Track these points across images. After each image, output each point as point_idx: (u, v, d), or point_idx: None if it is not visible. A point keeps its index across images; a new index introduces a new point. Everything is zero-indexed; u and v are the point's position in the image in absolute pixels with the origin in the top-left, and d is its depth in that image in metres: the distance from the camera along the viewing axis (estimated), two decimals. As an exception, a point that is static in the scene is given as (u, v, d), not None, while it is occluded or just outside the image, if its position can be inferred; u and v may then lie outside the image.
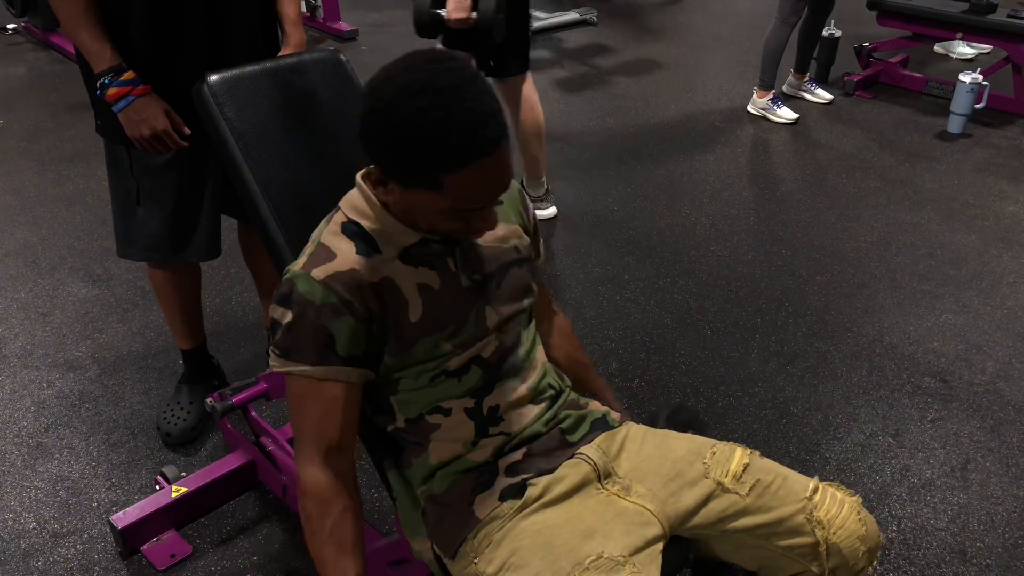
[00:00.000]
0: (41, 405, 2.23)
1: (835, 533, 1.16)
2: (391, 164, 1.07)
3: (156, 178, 1.83)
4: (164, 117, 1.69)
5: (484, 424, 1.22)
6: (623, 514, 1.16)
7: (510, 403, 1.23)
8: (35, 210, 3.18)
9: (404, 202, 1.12)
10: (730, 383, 2.33)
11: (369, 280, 1.13)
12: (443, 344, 1.17)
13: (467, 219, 1.10)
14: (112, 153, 1.85)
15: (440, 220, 1.10)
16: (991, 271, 2.86)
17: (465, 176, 1.03)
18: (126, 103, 1.66)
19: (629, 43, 5.15)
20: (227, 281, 2.74)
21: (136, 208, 1.86)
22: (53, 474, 2.01)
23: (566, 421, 1.27)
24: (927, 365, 2.40)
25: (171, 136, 1.71)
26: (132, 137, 1.71)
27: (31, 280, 2.76)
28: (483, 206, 1.09)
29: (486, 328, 1.21)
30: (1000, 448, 2.11)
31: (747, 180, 3.55)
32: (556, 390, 1.30)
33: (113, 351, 2.43)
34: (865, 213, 3.23)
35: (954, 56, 4.89)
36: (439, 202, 1.07)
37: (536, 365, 1.28)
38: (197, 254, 1.93)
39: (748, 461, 1.22)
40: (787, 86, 4.30)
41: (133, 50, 1.68)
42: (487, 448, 1.22)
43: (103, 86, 1.65)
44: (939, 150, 3.77)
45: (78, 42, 1.65)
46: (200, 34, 1.71)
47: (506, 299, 1.23)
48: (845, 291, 2.75)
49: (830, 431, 2.16)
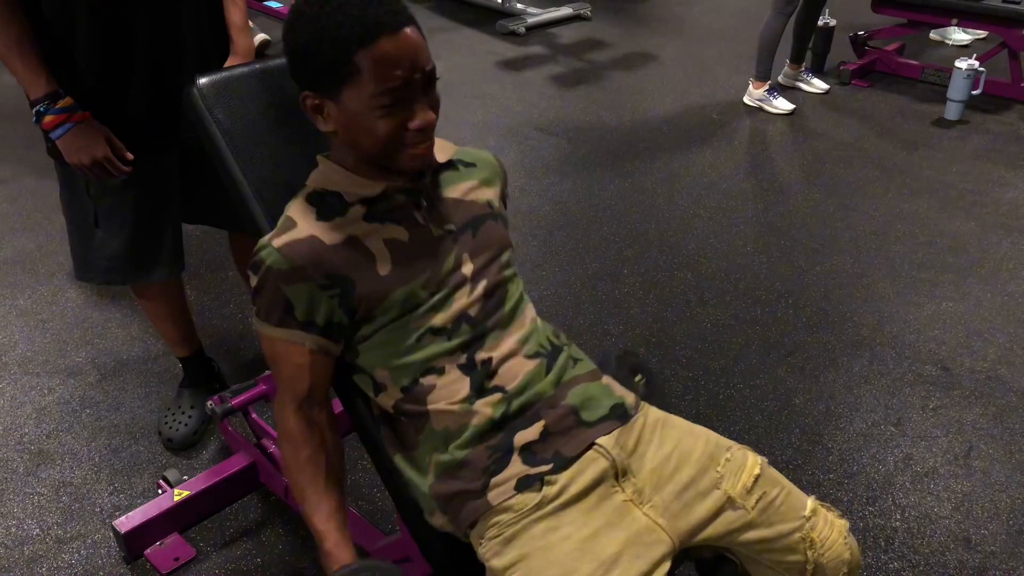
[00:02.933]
0: (42, 411, 2.23)
1: (823, 554, 1.21)
2: (312, 70, 1.15)
3: (114, 198, 1.77)
4: (104, 144, 1.63)
5: (479, 379, 1.20)
6: (635, 533, 1.15)
7: (502, 355, 1.22)
8: (32, 217, 3.17)
9: (342, 117, 1.17)
10: (731, 375, 2.33)
11: (330, 243, 1.19)
12: (419, 292, 1.20)
13: (400, 114, 1.14)
14: (66, 176, 1.78)
15: (377, 124, 1.14)
16: (990, 258, 2.86)
17: (376, 51, 1.10)
18: (64, 130, 1.60)
19: (624, 37, 5.14)
20: (224, 284, 2.73)
21: (94, 230, 1.81)
22: (55, 480, 2.01)
23: (578, 395, 1.23)
24: (928, 353, 2.40)
25: (112, 162, 1.65)
26: (72, 164, 1.64)
27: (30, 287, 2.76)
28: (404, 79, 1.12)
29: (463, 276, 1.23)
30: (1003, 435, 2.11)
31: (745, 172, 3.55)
32: (550, 347, 1.27)
33: (113, 356, 2.43)
34: (863, 202, 3.23)
35: (949, 42, 4.88)
36: (364, 92, 1.12)
37: (524, 322, 1.28)
38: (159, 272, 1.89)
39: (759, 472, 1.22)
40: (783, 77, 4.29)
41: (79, 75, 1.63)
42: (488, 407, 1.19)
43: (39, 113, 1.59)
44: (936, 137, 3.76)
45: (12, 70, 1.58)
46: (149, 53, 1.66)
47: (483, 249, 1.26)
48: (844, 281, 2.74)
49: (832, 421, 2.16)
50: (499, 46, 5.02)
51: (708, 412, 2.19)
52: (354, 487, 1.97)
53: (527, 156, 3.63)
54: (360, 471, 2.01)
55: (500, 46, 5.02)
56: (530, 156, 3.63)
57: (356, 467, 2.02)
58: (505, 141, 3.76)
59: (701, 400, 2.24)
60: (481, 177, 1.34)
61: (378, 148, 1.18)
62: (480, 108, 4.12)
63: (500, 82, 4.46)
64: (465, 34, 5.26)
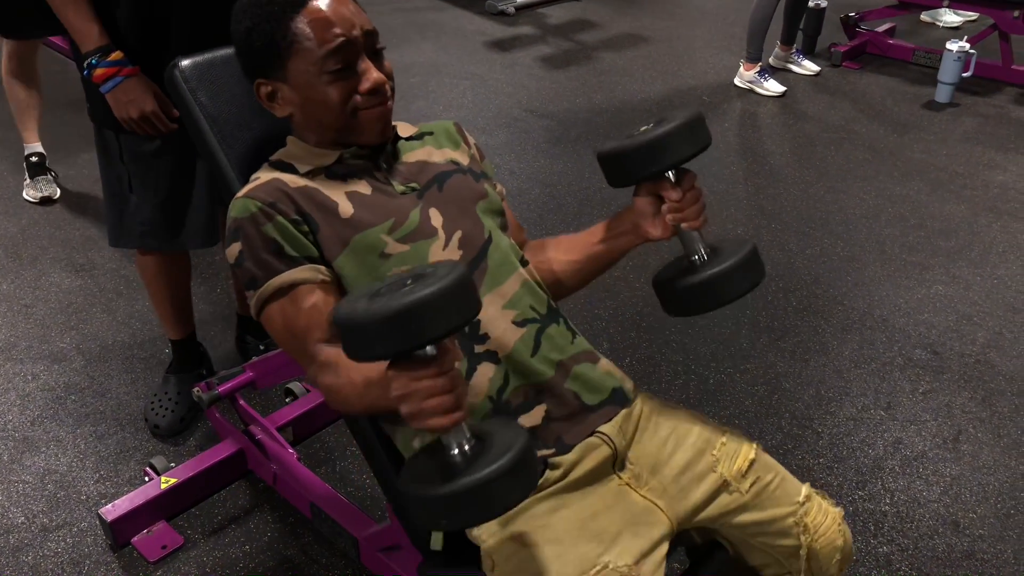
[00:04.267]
0: (26, 398, 2.20)
1: (817, 540, 1.21)
2: (256, 54, 1.19)
3: (147, 164, 1.80)
4: (152, 99, 1.67)
5: (468, 342, 1.16)
6: (633, 513, 1.15)
7: (490, 318, 1.17)
8: (15, 200, 3.13)
9: (295, 96, 1.19)
10: (721, 359, 2.32)
11: (292, 186, 1.18)
12: (383, 237, 1.17)
13: (350, 78, 1.16)
14: (102, 140, 1.83)
15: (329, 92, 1.16)
16: (980, 241, 2.86)
17: (308, 13, 1.15)
18: (114, 84, 1.64)
19: (614, 18, 5.10)
20: (212, 268, 2.70)
21: (128, 195, 1.84)
22: (40, 468, 1.99)
23: (579, 378, 1.21)
24: (918, 337, 2.40)
25: (160, 118, 1.69)
26: (120, 119, 1.69)
27: (13, 271, 2.73)
28: (344, 37, 1.15)
29: (432, 227, 1.20)
30: (991, 419, 2.12)
31: (735, 154, 3.53)
32: (545, 311, 1.23)
33: (98, 341, 2.40)
34: (854, 185, 3.22)
35: (940, 24, 4.86)
36: (309, 59, 1.15)
37: (515, 284, 1.22)
38: (194, 240, 1.90)
39: (753, 456, 1.23)
40: (774, 58, 4.27)
41: (120, 33, 1.66)
42: (483, 382, 1.16)
43: (90, 66, 1.63)
44: (927, 120, 3.75)
45: (66, 21, 1.63)
46: (187, 16, 1.67)
47: (452, 200, 1.24)
48: (835, 264, 2.74)
49: (822, 406, 2.16)
50: (488, 26, 4.97)
51: (699, 397, 2.19)
52: (343, 474, 1.96)
53: (517, 138, 3.60)
54: (349, 458, 2.00)
55: (489, 26, 4.97)
56: (520, 138, 3.60)
57: (345, 454, 2.01)
58: (494, 123, 3.73)
59: (691, 385, 2.23)
60: (440, 141, 1.33)
61: (334, 117, 1.18)
62: (469, 89, 4.08)
63: (489, 63, 4.41)
64: (454, 14, 5.21)
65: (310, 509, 1.78)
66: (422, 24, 5.00)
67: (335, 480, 1.93)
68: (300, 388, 2.11)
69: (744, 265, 1.22)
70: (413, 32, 4.86)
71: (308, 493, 1.77)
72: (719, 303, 1.23)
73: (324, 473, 1.95)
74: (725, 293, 1.22)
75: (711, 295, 1.22)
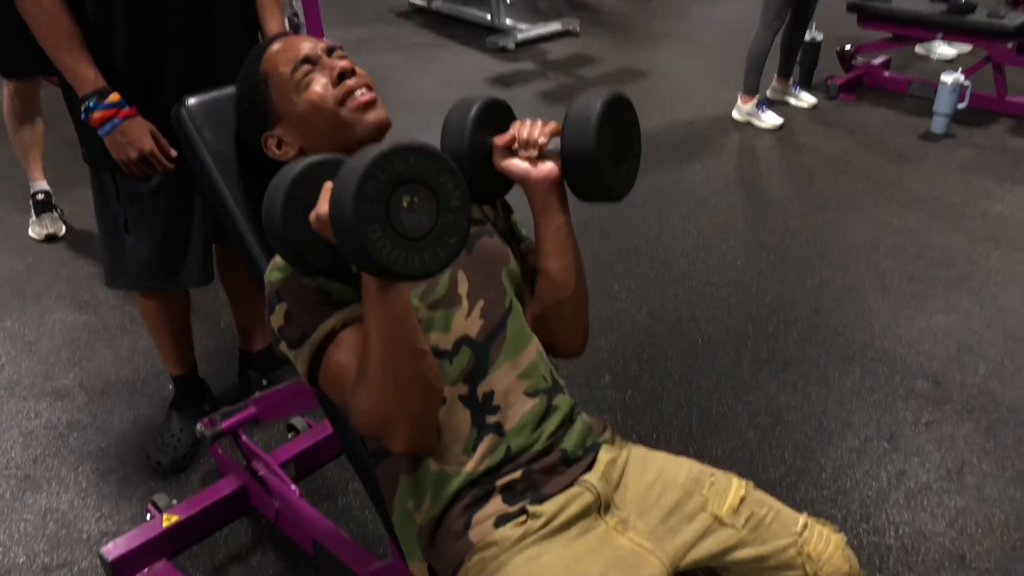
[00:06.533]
0: (29, 436, 2.20)
1: (822, 568, 1.19)
2: (250, 110, 1.28)
3: (143, 204, 1.81)
4: (150, 139, 1.68)
5: (480, 413, 1.18)
6: (619, 556, 1.14)
7: (504, 390, 1.20)
8: (20, 237, 3.15)
9: (290, 125, 1.24)
10: (723, 391, 2.32)
11: None
12: (415, 302, 1.17)
13: (323, 73, 1.23)
14: (98, 182, 1.84)
15: (310, 93, 1.22)
16: (980, 271, 2.87)
17: (271, 51, 1.27)
18: (112, 126, 1.65)
19: (612, 53, 5.17)
20: (216, 303, 2.72)
21: (125, 236, 1.84)
22: (42, 506, 1.98)
23: (567, 441, 1.24)
24: (919, 368, 2.40)
25: (157, 158, 1.70)
26: (119, 160, 1.69)
27: (18, 308, 2.74)
28: (307, 52, 1.24)
29: (458, 295, 1.20)
30: (995, 450, 2.11)
31: (734, 186, 3.55)
32: (551, 382, 1.26)
33: (101, 378, 2.41)
34: (853, 216, 3.24)
35: (935, 57, 4.92)
36: (283, 80, 1.24)
37: (531, 353, 1.24)
38: (189, 280, 1.91)
39: (744, 493, 1.22)
40: (771, 91, 4.31)
41: (116, 74, 1.67)
42: (485, 455, 1.18)
43: (88, 109, 1.64)
44: (924, 151, 3.78)
45: (62, 66, 1.64)
46: (184, 55, 1.70)
47: (479, 265, 1.24)
48: (835, 295, 2.75)
49: (825, 437, 2.16)
50: (489, 62, 5.03)
51: (701, 429, 2.19)
52: (345, 510, 1.95)
53: (517, 172, 3.62)
54: (351, 494, 1.99)
55: (490, 62, 5.03)
56: (520, 172, 3.62)
57: (347, 490, 2.00)
58: (495, 157, 3.75)
59: (694, 417, 2.23)
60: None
61: (325, 114, 1.22)
62: (470, 124, 4.11)
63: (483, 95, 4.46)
64: (456, 51, 5.28)
65: (312, 546, 1.77)
66: (424, 60, 5.06)
67: (337, 516, 1.92)
68: (303, 423, 2.11)
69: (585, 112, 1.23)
70: (415, 68, 4.93)
71: (311, 530, 1.76)
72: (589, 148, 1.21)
73: (326, 509, 1.94)
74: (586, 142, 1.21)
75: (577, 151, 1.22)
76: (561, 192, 1.28)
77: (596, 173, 1.22)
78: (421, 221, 0.96)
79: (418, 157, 0.96)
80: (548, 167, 1.26)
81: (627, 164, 1.29)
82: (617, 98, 1.26)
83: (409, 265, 0.95)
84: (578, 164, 1.22)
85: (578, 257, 1.32)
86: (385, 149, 0.94)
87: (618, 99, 1.26)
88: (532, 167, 1.27)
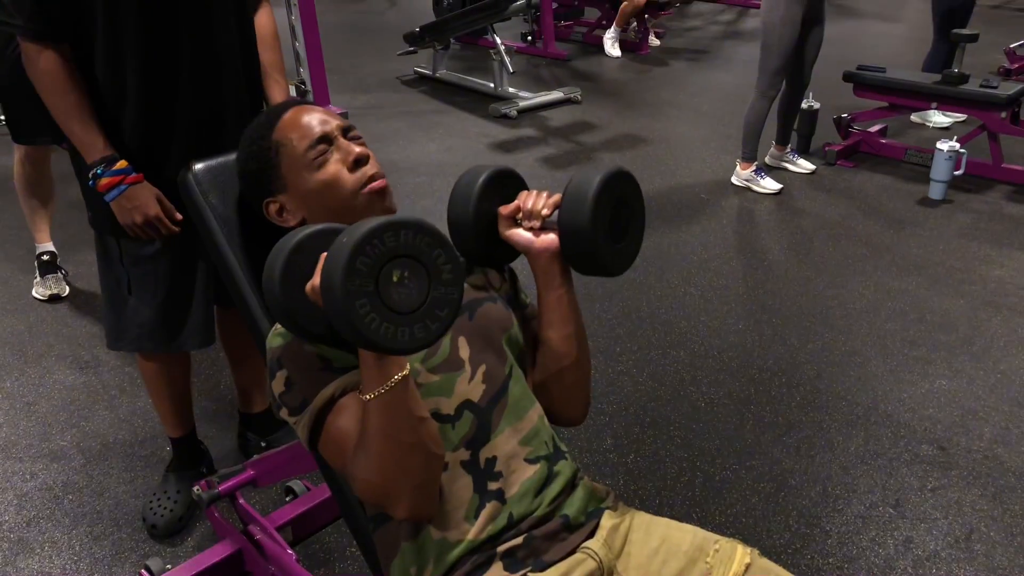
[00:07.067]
0: (23, 498, 2.18)
1: None
2: (255, 175, 1.30)
3: (146, 267, 1.83)
4: (156, 204, 1.70)
5: (482, 479, 1.17)
6: None
7: (507, 455, 1.19)
8: (23, 298, 3.17)
9: (297, 198, 1.26)
10: (726, 456, 2.30)
11: None
12: (416, 366, 1.16)
13: (337, 156, 1.25)
14: (103, 245, 1.86)
15: (323, 174, 1.24)
16: (981, 335, 2.86)
17: (285, 122, 1.28)
18: (118, 192, 1.67)
19: (613, 120, 5.26)
20: (216, 365, 2.71)
21: (127, 298, 1.86)
22: (34, 571, 1.95)
23: (569, 507, 1.22)
24: (924, 432, 2.38)
25: (163, 222, 1.72)
26: (124, 225, 1.72)
27: (17, 369, 2.74)
28: (321, 131, 1.26)
29: (460, 359, 1.20)
30: (1003, 516, 2.08)
31: (734, 250, 3.58)
32: (553, 449, 1.25)
33: (99, 439, 2.39)
34: (853, 280, 3.25)
35: (930, 125, 5.00)
36: (296, 156, 1.25)
37: (533, 418, 1.24)
38: (191, 342, 1.91)
39: (750, 561, 1.20)
40: (769, 157, 4.38)
41: (124, 142, 1.70)
42: (487, 522, 1.17)
43: (95, 176, 1.67)
44: (922, 216, 3.82)
45: (70, 134, 1.67)
46: (192, 125, 1.73)
47: (480, 331, 1.24)
48: (837, 359, 2.74)
49: (830, 503, 2.13)
50: (492, 129, 5.13)
51: (704, 494, 2.16)
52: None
53: (519, 236, 3.65)
54: (349, 559, 1.96)
55: (493, 129, 5.13)
56: (522, 235, 3.65)
57: (345, 555, 1.97)
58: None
59: (696, 482, 2.20)
60: (470, 267, 1.34)
61: (336, 196, 1.23)
62: (472, 188, 4.16)
63: (493, 163, 4.52)
64: (459, 117, 5.38)
65: (308, 613, 1.73)
66: (427, 126, 5.16)
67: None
68: (300, 487, 2.09)
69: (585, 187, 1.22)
70: (418, 133, 5.02)
71: (306, 596, 1.73)
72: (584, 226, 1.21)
73: (323, 575, 1.91)
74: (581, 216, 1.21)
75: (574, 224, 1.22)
76: (563, 263, 1.29)
77: (591, 249, 1.23)
78: (411, 295, 0.97)
79: (409, 232, 0.98)
80: (549, 239, 1.27)
81: (628, 239, 1.30)
82: (617, 173, 1.26)
83: (398, 339, 0.96)
84: (573, 239, 1.23)
85: (580, 327, 1.32)
86: (375, 225, 0.95)
87: (618, 174, 1.26)
88: (534, 237, 1.28)
